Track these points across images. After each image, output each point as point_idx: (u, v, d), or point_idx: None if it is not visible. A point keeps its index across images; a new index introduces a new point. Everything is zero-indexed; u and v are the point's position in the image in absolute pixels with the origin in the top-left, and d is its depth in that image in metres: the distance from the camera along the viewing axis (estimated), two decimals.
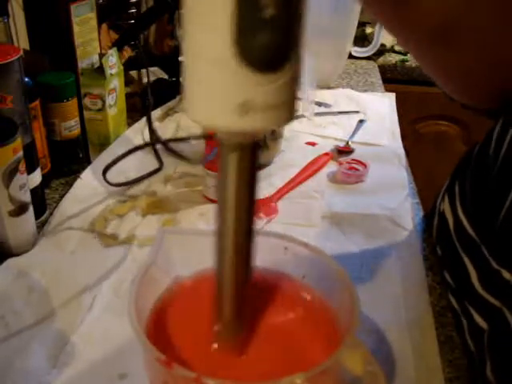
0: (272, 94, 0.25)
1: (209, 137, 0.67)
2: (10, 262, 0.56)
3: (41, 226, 0.62)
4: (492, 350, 0.46)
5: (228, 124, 0.25)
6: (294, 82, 0.26)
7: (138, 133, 0.86)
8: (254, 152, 0.28)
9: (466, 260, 0.50)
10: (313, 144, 0.86)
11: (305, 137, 0.88)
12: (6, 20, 0.60)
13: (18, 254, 0.57)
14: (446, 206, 0.56)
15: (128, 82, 0.91)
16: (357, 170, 0.75)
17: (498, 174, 0.48)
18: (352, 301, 0.33)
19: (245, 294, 0.32)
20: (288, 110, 0.26)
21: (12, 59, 0.56)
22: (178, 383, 0.31)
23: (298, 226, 0.64)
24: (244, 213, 0.30)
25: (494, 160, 0.49)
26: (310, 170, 0.76)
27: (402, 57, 1.44)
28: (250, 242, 0.31)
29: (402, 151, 0.84)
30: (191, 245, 0.39)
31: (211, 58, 0.24)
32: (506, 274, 0.45)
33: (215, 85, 0.24)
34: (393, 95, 1.07)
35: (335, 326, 0.35)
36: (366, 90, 1.12)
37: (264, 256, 0.38)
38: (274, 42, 0.24)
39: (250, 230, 0.31)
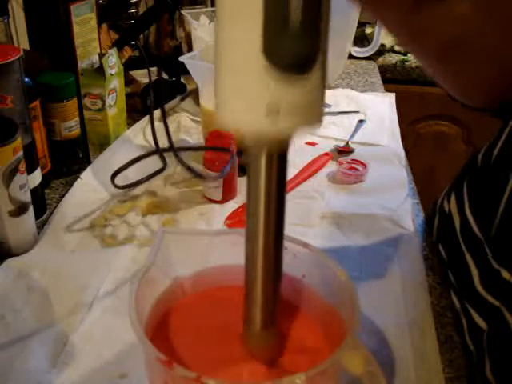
0: (299, 97, 0.25)
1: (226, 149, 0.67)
2: (10, 262, 0.56)
3: (41, 226, 0.62)
4: (491, 350, 0.46)
5: (257, 125, 0.26)
6: (320, 86, 0.27)
7: (138, 133, 0.86)
8: (283, 161, 0.29)
9: (470, 259, 0.50)
10: (313, 144, 0.86)
11: (305, 137, 0.88)
12: (6, 20, 0.60)
13: (17, 254, 0.57)
14: (452, 206, 0.56)
15: (128, 82, 0.91)
16: (357, 170, 0.75)
17: (495, 175, 0.48)
18: (352, 301, 0.33)
19: (275, 301, 0.32)
20: (316, 114, 0.27)
21: (12, 59, 0.56)
22: (177, 383, 0.31)
23: (298, 225, 0.64)
24: (273, 221, 0.30)
25: (494, 161, 0.50)
26: (310, 170, 0.76)
27: (401, 57, 1.44)
28: (280, 250, 0.31)
29: (401, 151, 0.84)
30: (191, 245, 0.39)
31: (242, 63, 0.25)
32: (505, 274, 0.45)
33: (245, 88, 0.25)
34: (393, 95, 1.07)
35: (335, 326, 0.35)
36: (365, 90, 1.12)
37: None
38: (301, 47, 0.24)
39: (279, 237, 0.31)
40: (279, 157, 0.28)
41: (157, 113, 0.92)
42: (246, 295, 0.32)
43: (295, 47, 0.24)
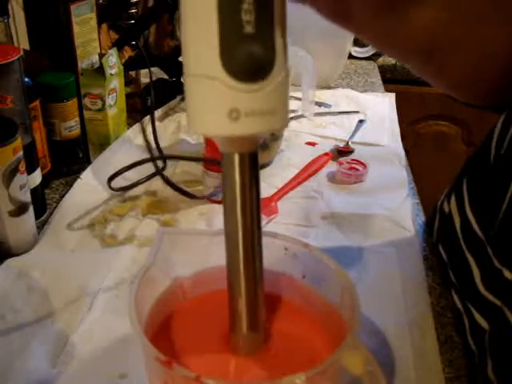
0: (258, 102, 0.27)
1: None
2: (10, 262, 0.56)
3: (41, 226, 0.62)
4: (493, 349, 0.46)
5: (220, 130, 0.28)
6: (280, 90, 0.28)
7: (138, 133, 0.85)
8: (253, 160, 0.30)
9: (471, 259, 0.50)
10: (313, 144, 0.86)
11: (305, 137, 0.88)
12: (6, 20, 0.60)
13: (18, 254, 0.57)
14: (452, 207, 0.56)
15: (128, 82, 0.91)
16: (357, 170, 0.75)
17: (497, 174, 0.48)
18: (352, 301, 0.33)
19: (260, 298, 0.33)
20: (278, 116, 0.28)
21: (12, 59, 0.56)
22: (177, 383, 0.31)
23: (298, 226, 0.64)
24: (250, 217, 0.31)
25: (495, 158, 0.49)
26: (310, 170, 0.76)
27: None
28: (259, 246, 0.32)
29: (401, 151, 0.84)
30: (191, 245, 0.39)
31: (202, 72, 0.27)
32: (507, 273, 0.45)
33: (208, 96, 0.27)
34: (393, 95, 1.07)
35: (336, 326, 0.35)
36: (365, 90, 1.12)
37: (264, 256, 0.38)
38: (255, 55, 0.26)
39: (257, 233, 0.32)
40: (250, 156, 0.30)
41: (157, 113, 0.92)
42: (229, 297, 0.33)
43: (250, 55, 0.26)
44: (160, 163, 0.75)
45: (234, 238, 0.31)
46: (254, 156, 0.30)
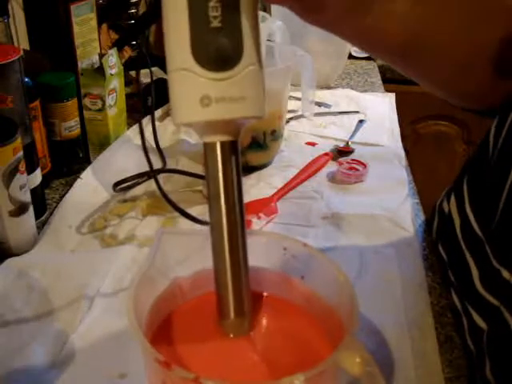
0: (228, 89, 0.29)
1: None
2: (10, 262, 0.56)
3: (41, 226, 0.62)
4: (491, 350, 0.46)
5: (194, 117, 0.30)
6: (250, 79, 0.30)
7: (138, 133, 0.85)
8: (234, 149, 0.33)
9: (470, 259, 0.50)
10: (313, 144, 0.86)
11: (305, 137, 0.88)
12: (6, 20, 0.60)
13: (18, 254, 0.57)
14: (452, 207, 0.56)
15: (128, 82, 0.91)
16: (357, 170, 0.75)
17: (494, 173, 0.48)
18: (351, 302, 0.33)
19: (245, 284, 0.33)
20: (249, 104, 0.30)
21: (12, 59, 0.56)
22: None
23: (298, 226, 0.64)
24: (233, 204, 0.32)
25: (491, 158, 0.49)
26: (310, 170, 0.76)
27: None
28: (243, 235, 0.33)
29: (401, 151, 0.84)
30: (190, 245, 0.39)
31: (178, 66, 0.30)
32: (505, 274, 0.45)
33: (182, 86, 0.30)
34: (393, 95, 1.07)
35: (334, 326, 0.35)
36: (365, 90, 1.12)
37: (263, 256, 0.38)
38: (222, 47, 0.29)
39: (241, 222, 0.33)
40: (230, 144, 0.32)
41: (157, 113, 0.92)
42: (216, 285, 0.34)
43: (217, 47, 0.29)
44: (161, 163, 0.75)
45: (219, 225, 0.32)
46: (235, 144, 0.32)
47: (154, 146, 0.77)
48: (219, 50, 0.29)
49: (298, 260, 0.38)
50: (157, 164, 0.75)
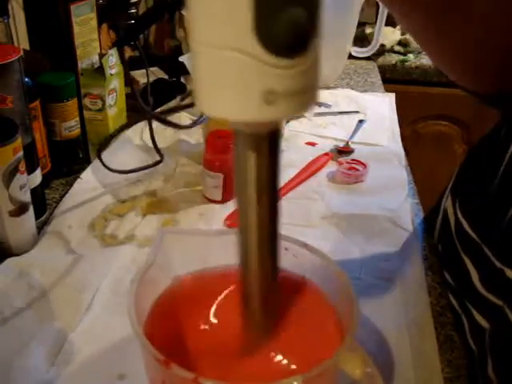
0: (295, 81, 0.23)
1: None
2: (10, 262, 0.56)
3: (41, 226, 0.62)
4: (493, 348, 0.46)
5: (252, 115, 0.23)
6: (316, 66, 0.24)
7: (138, 133, 0.86)
8: (275, 141, 0.26)
9: (467, 260, 0.50)
10: (313, 144, 0.86)
11: (305, 137, 0.88)
12: (6, 20, 0.60)
13: (18, 254, 0.57)
14: (449, 207, 0.56)
15: (128, 82, 0.91)
16: (357, 170, 0.75)
17: (504, 174, 0.48)
18: (351, 303, 0.33)
19: (273, 289, 0.31)
20: (312, 95, 0.24)
21: (12, 59, 0.56)
22: (175, 383, 0.31)
23: (298, 226, 0.64)
24: (267, 209, 0.28)
25: (499, 161, 0.49)
26: (310, 170, 0.76)
27: (401, 57, 1.44)
28: (275, 240, 0.30)
29: (401, 151, 0.84)
30: (191, 245, 0.39)
31: (229, 46, 0.22)
32: (509, 273, 0.45)
33: (235, 75, 0.22)
34: (393, 95, 1.07)
35: (334, 327, 0.35)
36: (365, 90, 1.12)
37: None
38: (296, 25, 0.22)
39: (274, 226, 0.29)
40: (271, 136, 0.26)
41: (157, 113, 0.92)
42: (243, 293, 0.32)
43: (288, 27, 0.21)
44: (159, 156, 0.76)
45: (249, 230, 0.28)
46: (277, 137, 0.26)
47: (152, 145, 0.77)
48: (293, 30, 0.22)
49: (299, 260, 0.38)
50: (155, 159, 0.75)
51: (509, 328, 0.44)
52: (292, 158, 0.80)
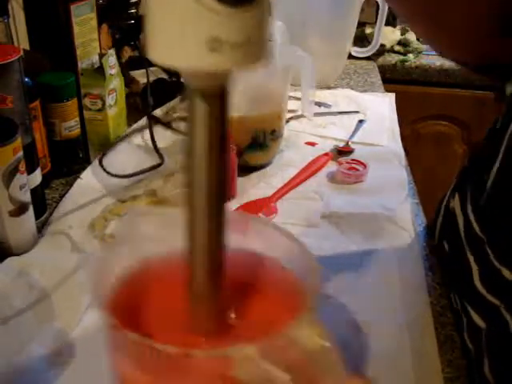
0: (241, 30, 0.23)
1: None
2: (10, 262, 0.56)
3: (41, 226, 0.62)
4: (490, 348, 0.46)
5: (195, 62, 0.24)
6: (264, 20, 0.24)
7: (137, 133, 0.85)
8: (223, 99, 0.26)
9: (471, 259, 0.50)
10: (312, 144, 0.86)
11: (304, 137, 0.88)
12: (6, 20, 0.60)
13: (18, 254, 0.57)
14: (456, 205, 0.56)
15: (128, 82, 0.91)
16: (356, 170, 0.75)
17: (500, 170, 0.48)
18: (313, 275, 0.32)
19: (220, 266, 0.31)
20: (258, 49, 0.25)
21: (12, 59, 0.56)
22: (131, 351, 0.30)
23: (298, 226, 0.64)
24: (216, 167, 0.27)
25: (495, 155, 0.49)
26: (310, 170, 0.76)
27: (401, 57, 1.44)
28: (223, 205, 0.29)
29: (401, 151, 0.84)
30: (160, 224, 0.39)
31: None
32: (505, 273, 0.45)
33: (180, 20, 0.23)
34: (392, 95, 1.07)
35: (297, 300, 0.35)
36: (365, 90, 1.12)
37: (231, 234, 0.39)
38: None
39: (221, 186, 0.28)
40: (221, 93, 0.26)
41: (157, 113, 0.92)
42: (190, 262, 0.31)
43: None
44: (159, 159, 0.76)
45: (199, 182, 0.28)
46: (224, 91, 0.26)
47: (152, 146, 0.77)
48: None
49: (263, 237, 0.38)
50: (155, 162, 0.75)
51: (504, 328, 0.44)
52: (292, 158, 0.80)
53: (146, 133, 0.83)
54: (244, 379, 0.27)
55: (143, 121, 0.88)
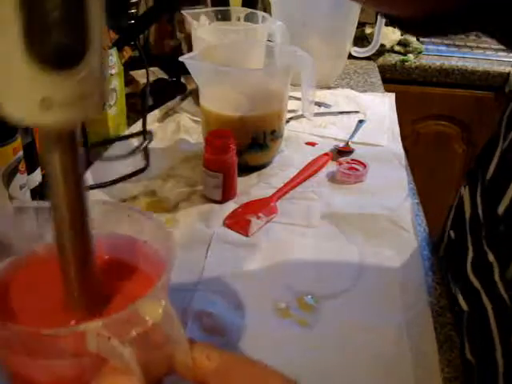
0: (70, 90, 0.26)
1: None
2: None
3: None
4: (469, 331, 0.48)
5: (33, 120, 0.26)
6: (95, 76, 0.27)
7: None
8: (72, 141, 0.29)
9: (470, 244, 0.51)
10: (312, 144, 0.86)
11: (305, 137, 0.88)
12: None
13: None
14: (465, 192, 0.56)
15: (128, 82, 0.91)
16: (356, 170, 0.75)
17: (501, 158, 0.48)
18: (167, 252, 0.36)
19: (89, 265, 0.33)
20: (92, 104, 0.27)
21: None
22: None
23: (298, 226, 0.64)
24: (74, 193, 0.31)
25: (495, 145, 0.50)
26: (310, 170, 0.76)
27: (401, 57, 1.44)
28: (85, 221, 0.32)
29: (401, 151, 0.84)
30: (43, 217, 0.40)
31: (9, 58, 0.25)
32: (490, 257, 0.46)
33: (15, 83, 0.25)
34: (392, 95, 1.07)
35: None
36: (365, 90, 1.12)
37: (110, 223, 0.41)
38: (64, 43, 0.25)
39: (82, 207, 0.31)
40: (68, 136, 0.29)
41: (157, 113, 0.92)
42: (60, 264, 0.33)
43: (58, 42, 0.24)
44: (145, 163, 0.75)
45: (62, 216, 0.31)
46: (72, 134, 0.29)
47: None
48: (61, 47, 0.25)
49: (140, 225, 0.41)
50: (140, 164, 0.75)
51: (483, 312, 0.45)
52: (292, 158, 0.80)
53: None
54: (100, 353, 0.29)
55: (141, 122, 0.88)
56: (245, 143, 0.73)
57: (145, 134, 0.83)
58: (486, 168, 0.51)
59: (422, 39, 1.52)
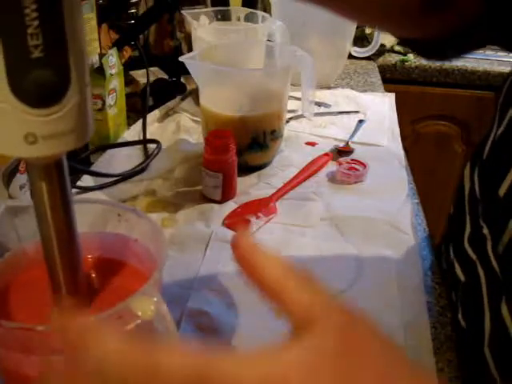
0: (54, 125, 0.27)
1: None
2: None
3: None
4: (463, 298, 0.50)
5: (19, 153, 0.28)
6: (76, 111, 0.28)
7: (137, 133, 0.86)
8: (59, 169, 0.32)
9: (467, 218, 0.52)
10: (312, 144, 0.86)
11: (304, 137, 0.88)
12: None
13: None
14: (466, 170, 0.57)
15: (128, 82, 0.91)
16: (356, 170, 0.75)
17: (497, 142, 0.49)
18: (159, 249, 0.36)
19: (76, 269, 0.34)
20: (77, 135, 0.29)
21: None
22: None
23: (297, 226, 0.64)
24: (61, 221, 0.32)
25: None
26: (310, 170, 0.76)
27: (401, 57, 1.44)
28: (73, 246, 0.33)
29: (401, 151, 0.84)
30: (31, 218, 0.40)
31: None
32: (485, 230, 0.47)
33: (3, 120, 0.26)
34: (392, 95, 1.07)
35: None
36: (365, 90, 1.12)
37: (101, 222, 0.42)
38: (46, 80, 0.25)
39: (69, 233, 0.33)
40: (56, 165, 0.31)
41: (157, 113, 0.92)
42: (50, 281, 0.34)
43: (39, 81, 0.25)
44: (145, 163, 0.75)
45: (49, 242, 0.32)
46: (59, 163, 0.31)
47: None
48: (42, 85, 0.25)
49: (131, 224, 0.42)
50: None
51: (477, 281, 0.47)
52: (292, 158, 0.80)
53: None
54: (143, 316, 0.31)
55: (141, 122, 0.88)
56: (245, 143, 0.73)
57: (145, 133, 0.83)
58: (483, 149, 0.51)
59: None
